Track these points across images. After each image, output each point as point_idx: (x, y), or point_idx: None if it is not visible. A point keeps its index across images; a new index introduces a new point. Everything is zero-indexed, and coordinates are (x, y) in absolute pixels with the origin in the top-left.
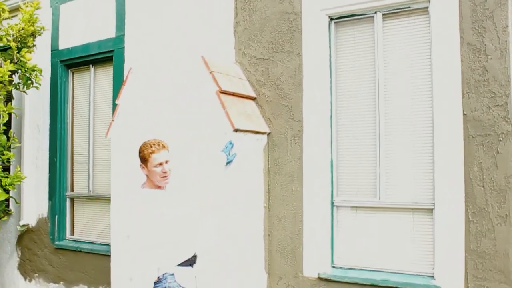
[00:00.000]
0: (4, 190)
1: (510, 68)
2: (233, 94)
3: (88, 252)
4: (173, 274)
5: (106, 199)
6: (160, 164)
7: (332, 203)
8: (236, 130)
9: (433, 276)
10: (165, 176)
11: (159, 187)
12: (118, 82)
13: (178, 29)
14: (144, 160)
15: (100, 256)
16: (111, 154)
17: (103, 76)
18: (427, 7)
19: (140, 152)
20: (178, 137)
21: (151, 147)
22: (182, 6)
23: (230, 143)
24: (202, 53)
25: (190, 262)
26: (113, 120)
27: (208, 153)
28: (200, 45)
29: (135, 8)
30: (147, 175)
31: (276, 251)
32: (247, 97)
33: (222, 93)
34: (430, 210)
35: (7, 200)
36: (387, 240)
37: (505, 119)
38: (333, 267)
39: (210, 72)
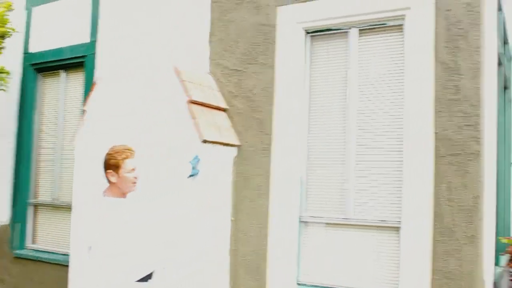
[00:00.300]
0: None
1: (482, 88)
2: (204, 105)
3: (48, 262)
4: None
5: (70, 207)
6: (133, 170)
7: (300, 219)
8: (204, 141)
9: None
10: (135, 183)
11: (123, 195)
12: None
13: (152, 37)
14: (115, 166)
15: (60, 266)
16: (74, 161)
17: (75, 82)
18: (402, 25)
19: (110, 158)
20: (147, 146)
21: (124, 152)
22: (157, 14)
23: (197, 158)
24: (175, 62)
25: (146, 277)
26: (80, 127)
27: (175, 163)
28: (174, 54)
29: (109, 14)
30: (113, 182)
31: (241, 266)
32: (218, 108)
33: (193, 103)
34: (397, 229)
35: None
36: (354, 257)
37: (475, 139)
38: (298, 284)
39: (181, 81)
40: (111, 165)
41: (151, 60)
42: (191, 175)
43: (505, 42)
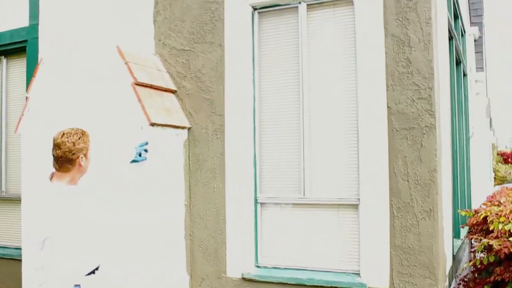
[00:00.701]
0: None
1: (433, 60)
2: (151, 87)
3: (1, 258)
4: (79, 286)
5: (20, 199)
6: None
7: (256, 200)
8: (152, 124)
9: (358, 274)
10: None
11: (75, 181)
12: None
13: (94, 17)
14: (84, 149)
15: (14, 261)
16: (21, 150)
17: (16, 68)
18: None
19: (79, 142)
20: (93, 132)
21: (86, 135)
22: None
23: (145, 143)
24: (119, 44)
25: (94, 270)
26: (22, 114)
27: (121, 149)
28: (117, 35)
29: None
30: (81, 166)
31: (198, 251)
32: (166, 90)
33: (138, 85)
34: (355, 206)
35: None
36: (313, 237)
37: (429, 112)
38: (257, 266)
39: (126, 63)
40: (80, 149)
41: (94, 42)
42: (134, 161)
43: (455, 17)
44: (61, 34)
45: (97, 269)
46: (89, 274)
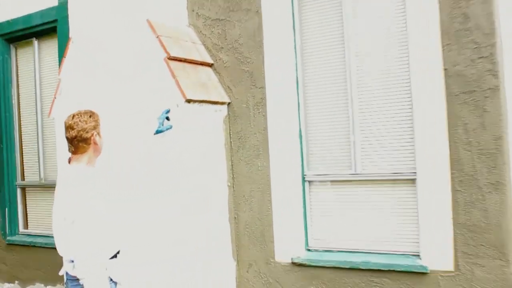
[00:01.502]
0: None
1: (494, 14)
2: (185, 61)
3: (43, 247)
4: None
5: None
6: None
7: (303, 178)
8: (188, 101)
9: (418, 255)
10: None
11: (95, 162)
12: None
13: None
14: (97, 129)
15: (55, 250)
16: (56, 135)
17: (49, 49)
18: None
19: (91, 121)
20: (125, 111)
21: (96, 115)
22: None
23: (166, 112)
24: (149, 17)
25: (115, 254)
26: (55, 97)
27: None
28: (148, 8)
29: None
30: (96, 145)
31: (244, 235)
32: (202, 64)
33: (171, 59)
34: (412, 181)
35: None
36: (366, 217)
37: (492, 73)
38: (308, 250)
39: (157, 37)
40: (92, 126)
41: (124, 17)
42: (158, 131)
43: None
44: (91, 10)
45: (118, 253)
46: (111, 258)
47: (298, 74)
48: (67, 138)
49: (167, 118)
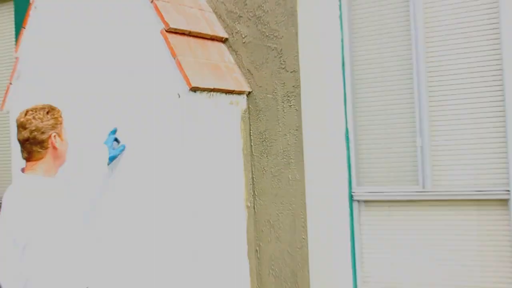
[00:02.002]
0: None
1: None
2: (189, 34)
3: None
4: None
5: None
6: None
7: (351, 197)
8: (194, 89)
9: None
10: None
11: (55, 170)
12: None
13: None
14: (57, 128)
15: None
16: (10, 135)
17: (1, 17)
18: None
19: (49, 118)
20: (108, 103)
21: (56, 110)
22: None
23: (113, 132)
24: None
25: None
26: (10, 83)
27: (152, 127)
28: None
29: None
30: (56, 148)
31: (268, 276)
32: (212, 38)
33: (171, 32)
34: (504, 202)
35: None
36: (439, 248)
37: None
38: None
39: (151, 1)
40: (50, 125)
41: None
42: (113, 157)
43: None
44: None
45: None
46: None
47: (344, 54)
48: (18, 140)
49: (116, 140)
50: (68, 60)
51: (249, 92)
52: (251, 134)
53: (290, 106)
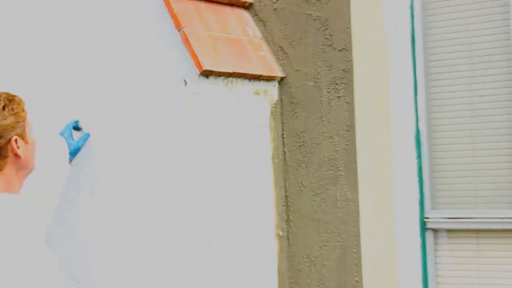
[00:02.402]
0: None
1: None
2: None
3: None
4: None
5: None
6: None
7: (423, 224)
8: (206, 74)
9: None
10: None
11: (19, 184)
12: None
13: None
14: (19, 129)
15: None
16: None
17: None
18: None
19: (7, 116)
20: (97, 91)
21: (17, 102)
22: None
23: (74, 125)
24: None
25: None
26: None
27: (145, 124)
28: None
29: None
30: (7, 165)
31: None
32: (231, 3)
33: None
34: None
35: None
36: None
37: None
38: None
39: None
40: (10, 126)
41: None
42: (74, 150)
43: None
44: None
45: None
46: None
47: (415, 27)
48: None
49: (76, 128)
50: (35, 35)
51: (282, 78)
52: (285, 136)
53: (339, 97)
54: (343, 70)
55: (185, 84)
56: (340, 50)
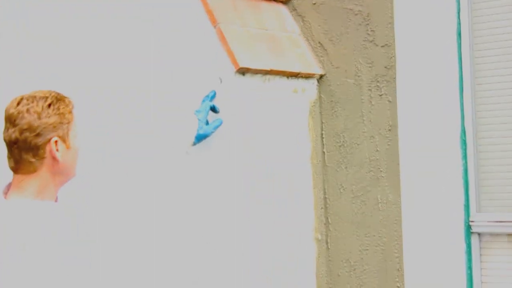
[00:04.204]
0: None
1: None
2: None
3: None
4: None
5: None
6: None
7: (468, 228)
8: (242, 71)
9: None
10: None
11: (55, 190)
12: None
13: None
14: (61, 130)
15: None
16: None
17: None
18: None
19: (50, 114)
20: (117, 95)
21: (65, 103)
22: None
23: (212, 97)
24: None
25: None
26: None
27: (179, 122)
28: None
29: None
30: (57, 160)
31: None
32: None
33: None
34: None
35: None
36: None
37: None
38: None
39: None
40: (52, 125)
41: None
42: (201, 136)
43: None
44: None
45: None
46: None
47: (461, 20)
48: (4, 140)
49: (213, 109)
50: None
51: (321, 76)
52: (324, 136)
53: (381, 95)
54: (385, 67)
55: (221, 82)
56: (382, 46)
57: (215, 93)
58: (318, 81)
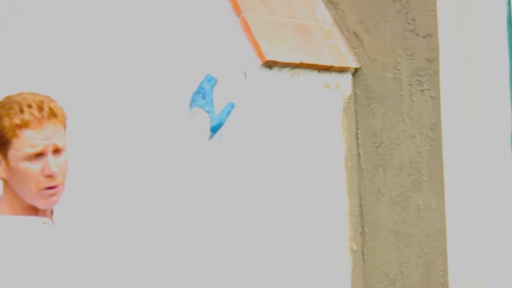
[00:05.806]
0: None
1: None
2: None
3: None
4: None
5: None
6: (39, 155)
7: None
8: (269, 65)
9: None
10: (52, 187)
11: (33, 210)
12: None
13: None
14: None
15: None
16: None
17: None
18: None
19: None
20: (133, 92)
21: (20, 111)
22: None
23: (209, 81)
24: None
25: None
26: None
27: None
28: None
29: None
30: (4, 180)
31: None
32: None
33: None
34: None
35: None
36: None
37: None
38: None
39: None
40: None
41: None
42: (216, 126)
43: None
44: None
45: None
46: None
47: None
48: None
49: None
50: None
51: (356, 69)
52: (359, 135)
53: (422, 91)
54: (427, 60)
55: (245, 76)
56: (424, 37)
57: (210, 77)
58: (352, 75)
